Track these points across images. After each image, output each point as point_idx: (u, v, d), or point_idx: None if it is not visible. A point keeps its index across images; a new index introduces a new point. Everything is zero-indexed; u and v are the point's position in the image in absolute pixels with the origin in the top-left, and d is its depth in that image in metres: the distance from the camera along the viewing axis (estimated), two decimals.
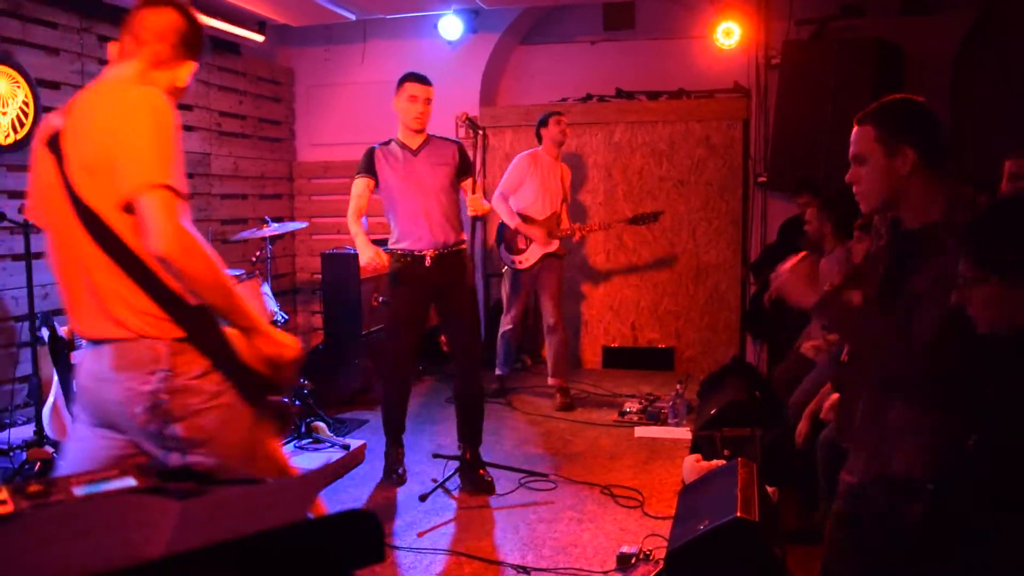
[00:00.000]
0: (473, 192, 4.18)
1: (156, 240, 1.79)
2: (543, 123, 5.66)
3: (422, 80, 4.22)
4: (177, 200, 1.83)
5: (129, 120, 1.85)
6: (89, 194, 1.88)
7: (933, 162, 1.99)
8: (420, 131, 4.24)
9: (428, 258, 4.14)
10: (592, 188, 6.87)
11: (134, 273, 1.89)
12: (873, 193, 2.06)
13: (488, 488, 4.12)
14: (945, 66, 5.78)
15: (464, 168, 4.30)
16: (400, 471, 4.28)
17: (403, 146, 4.26)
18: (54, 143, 1.93)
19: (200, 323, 1.94)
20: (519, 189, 5.60)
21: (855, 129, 2.09)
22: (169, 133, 1.87)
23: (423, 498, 4.00)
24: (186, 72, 2.15)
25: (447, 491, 4.13)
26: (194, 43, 2.15)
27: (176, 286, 1.91)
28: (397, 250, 4.20)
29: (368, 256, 4.02)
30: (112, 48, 2.16)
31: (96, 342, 1.99)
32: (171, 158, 1.85)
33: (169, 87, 2.10)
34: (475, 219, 4.25)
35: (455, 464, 4.27)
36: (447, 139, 4.39)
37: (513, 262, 5.67)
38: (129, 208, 1.84)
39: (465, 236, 4.31)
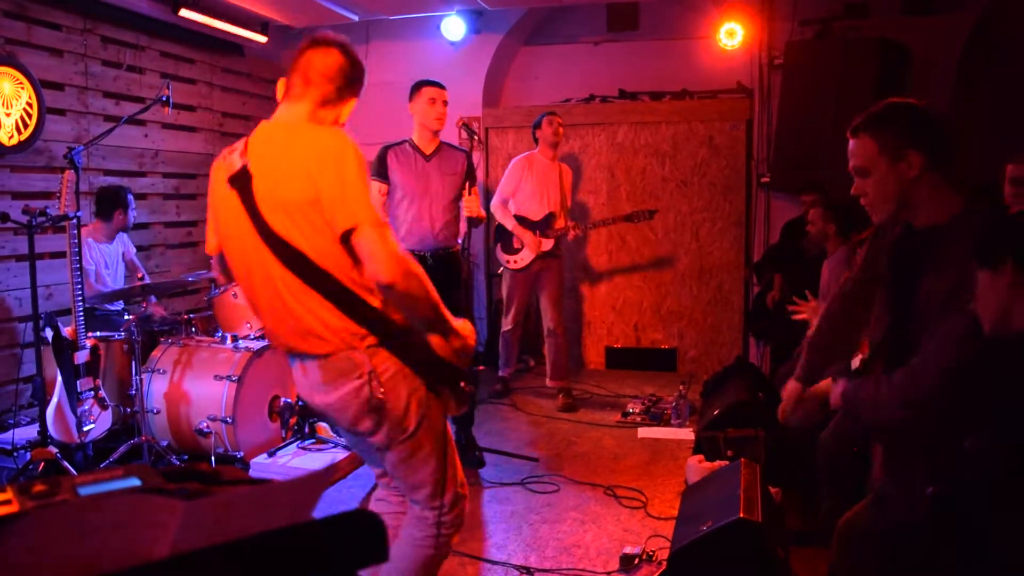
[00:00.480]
0: (470, 193, 4.34)
1: (381, 269, 2.00)
2: (537, 124, 5.67)
3: (439, 84, 4.40)
4: (389, 231, 2.04)
5: (334, 164, 2.01)
6: (284, 229, 2.04)
7: (940, 163, 1.98)
8: (438, 133, 4.40)
9: (428, 257, 4.29)
10: (595, 189, 6.87)
11: (331, 296, 2.07)
12: (883, 202, 2.04)
13: (479, 463, 4.44)
14: (949, 66, 5.77)
15: (470, 177, 4.46)
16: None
17: (417, 149, 4.41)
18: (237, 181, 2.11)
19: (391, 331, 2.14)
20: (517, 192, 5.62)
21: (851, 141, 2.05)
22: (366, 173, 2.07)
23: None
24: (348, 110, 2.31)
25: None
26: (356, 81, 2.30)
27: (373, 302, 2.11)
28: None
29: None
30: (280, 85, 2.30)
31: (299, 356, 2.21)
32: (367, 191, 2.06)
33: (333, 124, 2.26)
34: (471, 220, 4.38)
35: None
36: (457, 148, 4.54)
37: (507, 262, 5.68)
38: (344, 240, 2.02)
39: (460, 239, 4.52)
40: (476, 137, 4.34)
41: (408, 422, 2.19)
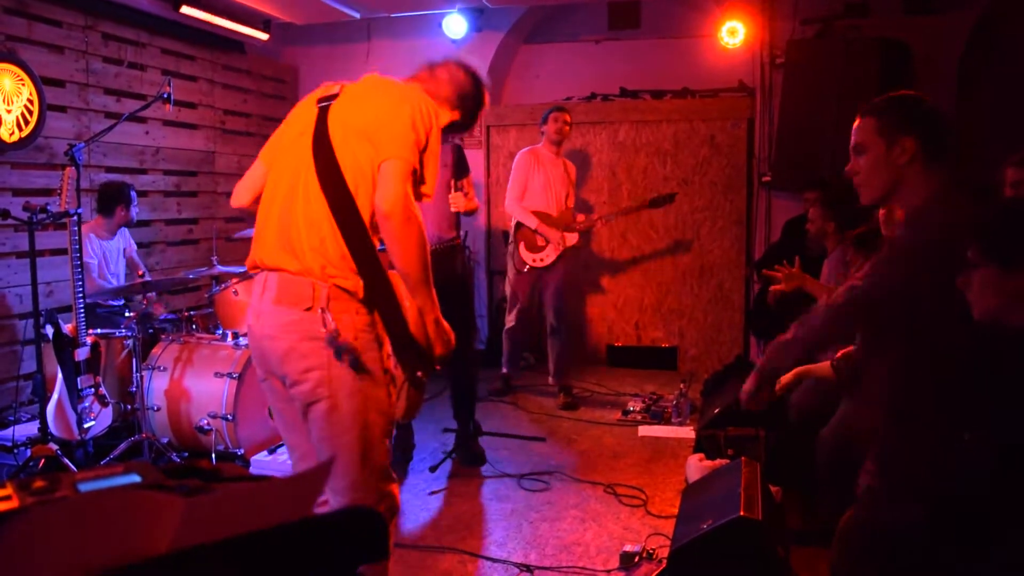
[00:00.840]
0: (464, 191, 4.45)
1: (386, 198, 2.09)
2: (544, 119, 5.66)
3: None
4: (411, 172, 2.14)
5: (405, 106, 2.19)
6: (338, 147, 2.17)
7: (933, 155, 2.05)
8: None
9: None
10: (596, 187, 6.87)
11: (344, 223, 2.13)
12: (872, 183, 2.12)
13: (480, 459, 4.50)
14: (950, 65, 5.77)
15: (460, 169, 4.50)
16: (405, 451, 4.47)
17: None
18: (325, 100, 2.28)
19: (377, 281, 2.16)
20: (526, 188, 5.61)
21: (857, 121, 2.15)
22: (426, 127, 2.20)
23: (432, 469, 4.38)
24: (446, 117, 2.47)
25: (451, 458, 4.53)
26: (468, 106, 2.53)
27: (377, 244, 2.17)
28: None
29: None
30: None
31: (269, 270, 2.21)
32: (419, 145, 2.18)
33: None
34: (458, 215, 4.49)
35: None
36: (446, 142, 4.49)
37: (533, 261, 5.64)
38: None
39: (459, 233, 4.57)
40: (460, 141, 4.53)
41: (341, 378, 2.13)
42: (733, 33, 6.22)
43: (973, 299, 1.82)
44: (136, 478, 0.88)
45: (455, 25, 6.60)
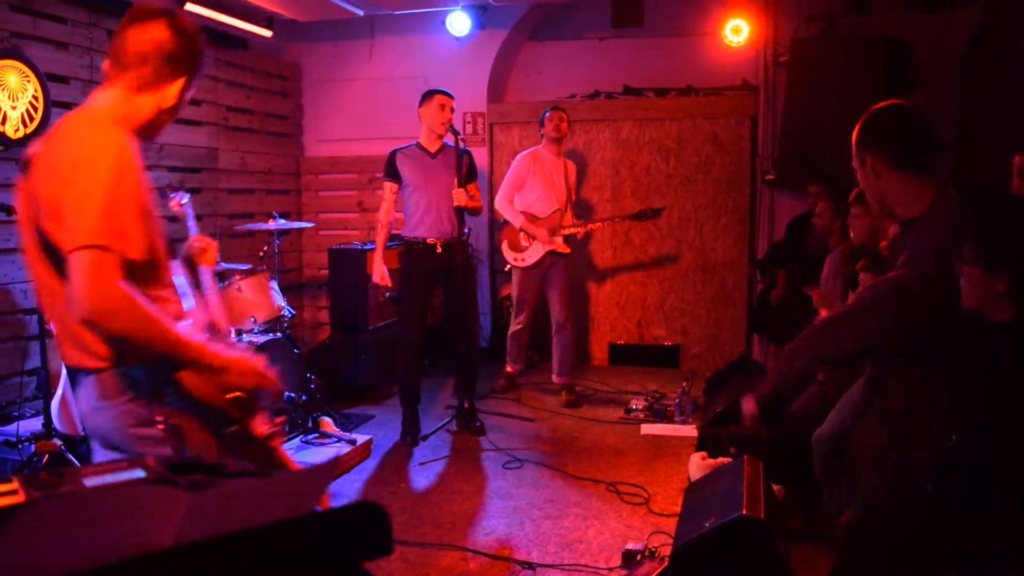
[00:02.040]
0: (471, 194, 4.86)
1: (76, 302, 1.71)
2: (541, 120, 5.66)
3: (448, 93, 4.92)
4: (108, 259, 1.72)
5: (81, 172, 1.75)
6: (51, 230, 1.81)
7: (900, 165, 2.10)
8: (442, 136, 4.88)
9: (438, 245, 4.85)
10: (599, 185, 6.87)
11: None
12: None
13: (479, 431, 4.96)
14: (953, 64, 5.77)
15: (471, 174, 4.95)
16: (413, 435, 4.86)
17: (423, 149, 4.94)
18: (23, 169, 1.89)
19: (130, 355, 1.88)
20: (522, 188, 5.60)
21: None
22: (120, 187, 1.77)
23: (425, 437, 4.91)
24: (175, 90, 2.01)
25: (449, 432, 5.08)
26: (183, 58, 1.98)
27: None
28: (413, 237, 4.90)
29: (378, 275, 4.94)
30: (104, 65, 2.01)
31: (77, 371, 1.94)
32: (115, 215, 1.75)
33: (155, 111, 2.01)
34: (467, 210, 4.88)
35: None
36: (465, 151, 4.97)
37: (514, 260, 5.67)
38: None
39: (463, 229, 4.97)
40: (460, 137, 4.82)
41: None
42: (737, 31, 6.22)
43: (962, 289, 1.93)
44: (140, 473, 0.88)
45: (459, 22, 6.60)
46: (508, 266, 5.78)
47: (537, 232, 5.53)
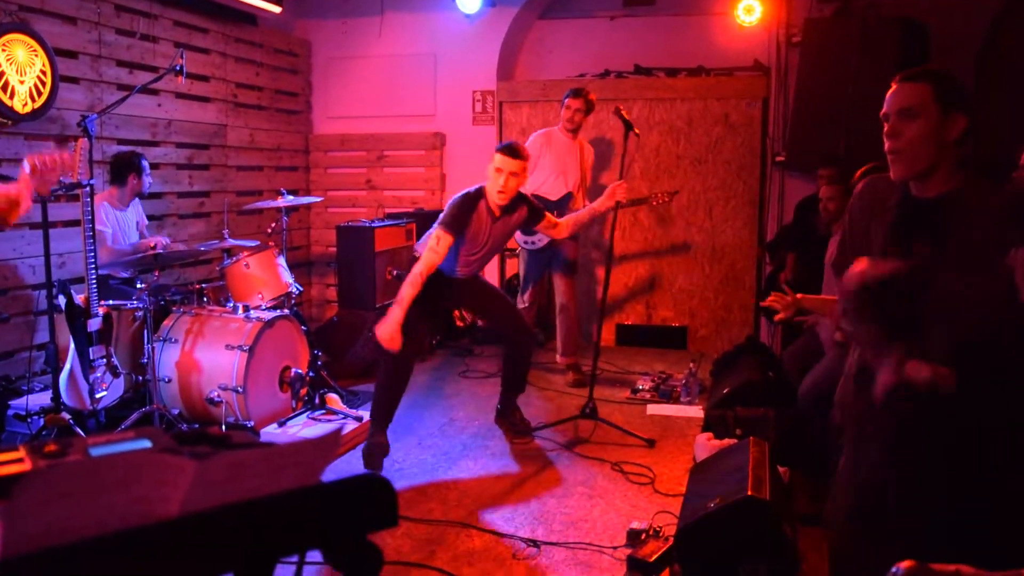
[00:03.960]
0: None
1: None
2: (562, 102, 5.61)
3: (514, 154, 4.11)
4: None
5: None
6: None
7: (966, 139, 1.96)
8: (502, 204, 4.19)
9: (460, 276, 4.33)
10: (608, 165, 6.83)
11: None
12: (916, 154, 1.98)
13: (528, 429, 4.57)
14: (972, 47, 5.69)
15: (534, 216, 4.38)
16: (380, 463, 4.06)
17: (489, 210, 4.21)
18: None
19: None
20: (534, 170, 5.57)
21: (906, 85, 2.00)
22: None
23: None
24: None
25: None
26: None
27: None
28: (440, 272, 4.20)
29: (390, 334, 3.86)
30: None
31: None
32: None
33: None
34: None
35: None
36: (518, 199, 4.29)
37: (525, 243, 5.66)
38: None
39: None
40: (632, 130, 4.61)
41: None
42: (749, 11, 6.16)
43: (1019, 282, 1.72)
44: (147, 443, 0.88)
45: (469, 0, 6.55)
46: (519, 248, 5.77)
47: None
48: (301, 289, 5.10)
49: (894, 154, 2.00)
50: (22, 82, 4.57)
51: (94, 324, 4.01)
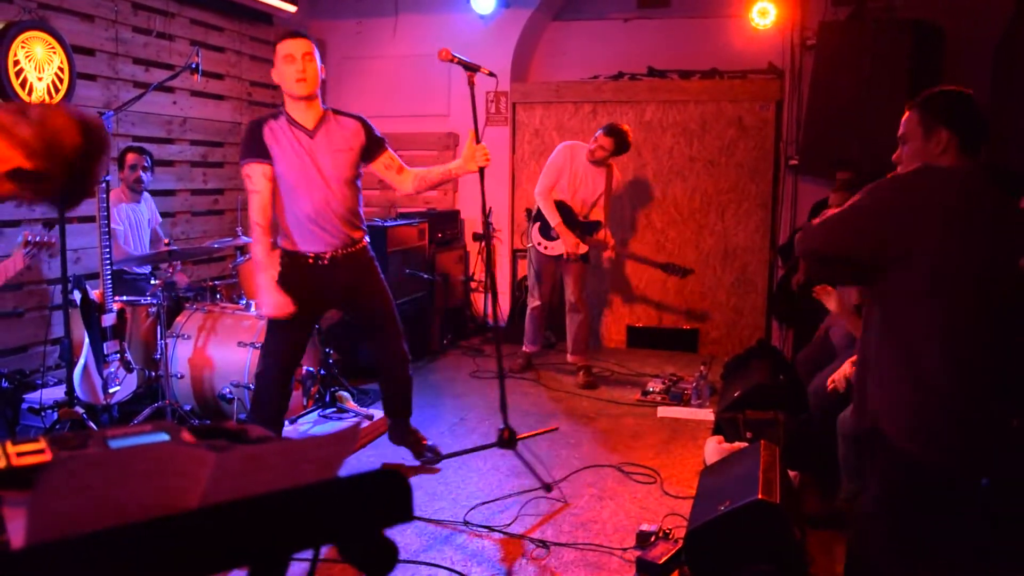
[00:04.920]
0: (476, 141, 3.66)
1: None
2: (598, 131, 5.54)
3: (294, 35, 3.45)
4: None
5: None
6: None
7: (965, 147, 2.18)
8: (308, 97, 3.47)
9: (326, 259, 3.59)
10: (621, 167, 6.82)
11: None
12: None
13: (435, 456, 4.10)
14: (987, 51, 5.66)
15: (373, 146, 3.67)
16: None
17: (294, 123, 3.50)
18: None
19: None
20: (559, 179, 5.58)
21: (906, 113, 2.29)
22: None
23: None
24: None
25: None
26: None
27: None
28: (287, 250, 3.59)
29: (271, 307, 3.42)
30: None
31: None
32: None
33: None
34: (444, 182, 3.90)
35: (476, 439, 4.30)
36: (348, 115, 3.70)
37: (540, 245, 5.66)
38: None
39: (366, 231, 3.79)
40: (477, 71, 3.72)
41: None
42: (764, 14, 6.15)
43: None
44: (165, 436, 0.89)
45: (483, 1, 6.56)
46: (529, 245, 5.77)
47: (565, 237, 5.49)
48: None
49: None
50: (40, 79, 4.60)
51: (108, 319, 4.04)
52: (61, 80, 4.74)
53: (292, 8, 6.49)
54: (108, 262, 3.98)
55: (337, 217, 3.56)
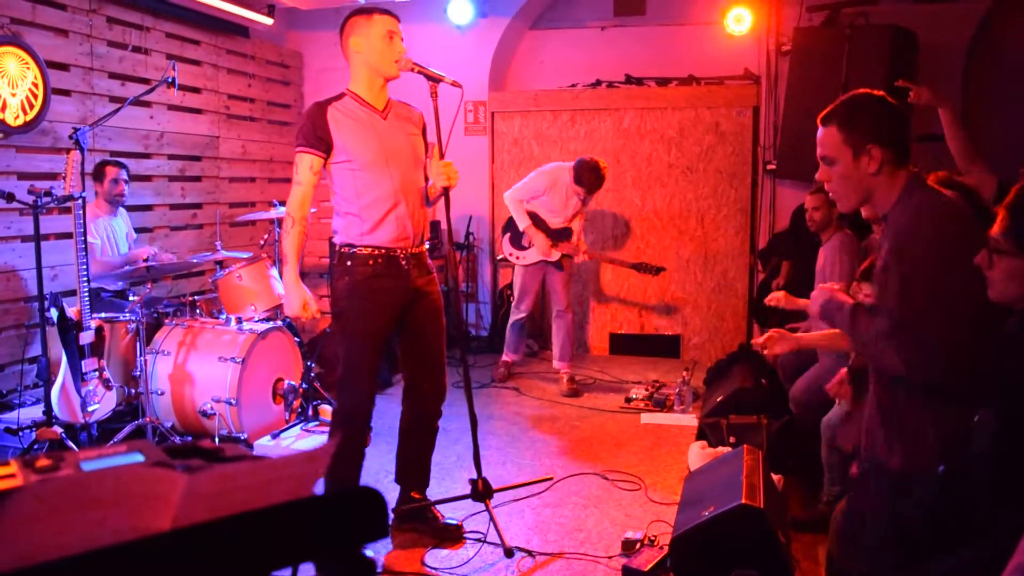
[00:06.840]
0: (440, 157, 3.28)
1: None
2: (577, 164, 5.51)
3: (389, 12, 3.42)
4: None
5: None
6: None
7: (898, 158, 2.04)
8: (392, 79, 3.39)
9: (402, 258, 3.23)
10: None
11: None
12: (846, 193, 2.10)
13: (455, 535, 3.43)
14: (959, 54, 5.73)
15: (426, 141, 3.48)
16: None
17: (364, 104, 3.33)
18: None
19: None
20: (533, 200, 5.59)
21: (820, 130, 2.11)
22: None
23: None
24: None
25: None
26: None
27: None
28: (365, 248, 3.22)
29: (297, 304, 3.19)
30: None
31: None
32: None
33: None
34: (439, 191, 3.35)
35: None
36: (403, 102, 3.56)
37: (512, 255, 5.68)
38: None
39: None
40: (441, 81, 3.44)
41: None
42: (739, 20, 6.20)
43: (992, 281, 1.78)
44: (139, 457, 0.88)
45: (460, 10, 6.58)
46: (500, 256, 5.77)
47: (537, 240, 5.50)
48: None
49: (830, 194, 2.16)
50: (14, 95, 4.57)
51: (86, 337, 4.00)
52: (35, 96, 4.70)
53: (269, 21, 6.48)
54: (85, 279, 3.94)
55: (418, 199, 3.28)
